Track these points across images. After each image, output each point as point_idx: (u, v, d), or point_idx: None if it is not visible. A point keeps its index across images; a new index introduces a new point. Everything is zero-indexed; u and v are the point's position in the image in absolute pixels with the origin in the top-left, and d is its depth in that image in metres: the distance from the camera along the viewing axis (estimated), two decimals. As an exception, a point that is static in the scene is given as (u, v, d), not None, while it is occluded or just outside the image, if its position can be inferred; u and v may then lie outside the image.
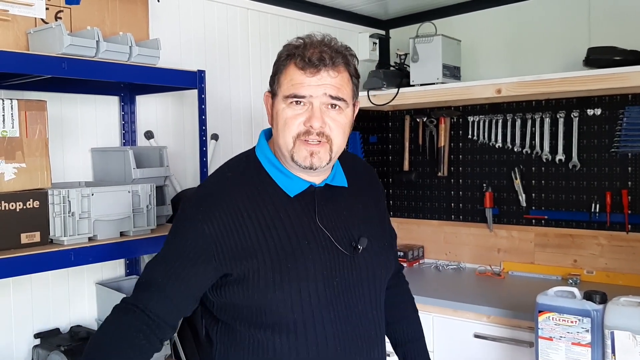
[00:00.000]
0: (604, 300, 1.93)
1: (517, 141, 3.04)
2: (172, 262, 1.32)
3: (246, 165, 1.41)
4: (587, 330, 1.91)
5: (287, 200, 1.36)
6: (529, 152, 3.01)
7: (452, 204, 3.31)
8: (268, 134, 1.45)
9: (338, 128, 1.34)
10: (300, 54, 1.31)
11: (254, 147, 1.45)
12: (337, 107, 1.33)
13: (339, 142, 1.35)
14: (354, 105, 1.40)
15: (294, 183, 1.37)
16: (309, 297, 1.31)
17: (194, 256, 1.30)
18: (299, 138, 1.31)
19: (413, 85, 3.06)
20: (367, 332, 1.40)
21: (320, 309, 1.32)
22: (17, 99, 1.74)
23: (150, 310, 1.30)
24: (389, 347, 1.57)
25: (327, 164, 1.34)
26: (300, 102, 1.31)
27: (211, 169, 2.15)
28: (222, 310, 1.37)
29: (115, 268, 2.36)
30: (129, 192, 1.97)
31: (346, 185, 1.46)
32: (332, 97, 1.32)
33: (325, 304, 1.32)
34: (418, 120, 3.38)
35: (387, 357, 1.50)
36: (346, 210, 1.44)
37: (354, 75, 1.39)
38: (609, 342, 1.86)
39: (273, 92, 1.37)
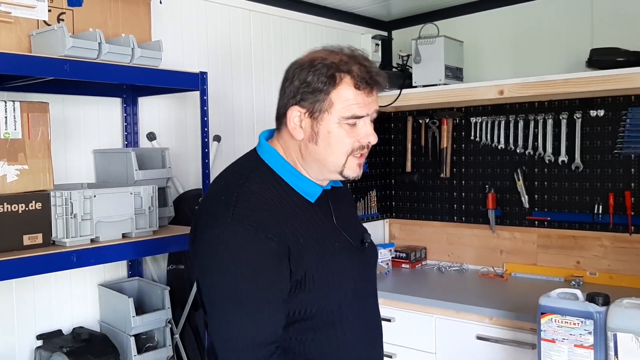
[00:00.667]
0: (606, 302, 1.92)
1: (520, 142, 3.04)
2: (262, 291, 1.25)
3: (261, 174, 1.36)
4: (590, 332, 1.91)
5: (309, 206, 1.38)
6: (531, 153, 3.01)
7: (455, 205, 3.31)
8: (267, 136, 1.44)
9: None
10: (357, 73, 1.30)
11: (254, 152, 1.43)
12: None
13: None
14: None
15: (312, 189, 1.39)
16: (345, 296, 1.37)
17: (275, 265, 1.26)
18: (353, 154, 1.35)
19: (415, 87, 3.06)
20: (378, 321, 1.50)
21: (351, 305, 1.39)
22: (19, 101, 1.74)
23: (277, 340, 1.28)
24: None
25: None
26: (356, 122, 1.33)
27: (213, 171, 2.15)
28: None
29: (117, 269, 2.36)
30: (131, 193, 1.97)
31: (342, 186, 1.53)
32: (376, 113, 1.38)
33: (353, 300, 1.39)
34: (420, 121, 3.38)
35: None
36: (345, 209, 1.51)
37: None
38: (611, 344, 1.85)
39: (315, 110, 1.31)
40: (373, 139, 1.36)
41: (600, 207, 2.81)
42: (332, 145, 1.33)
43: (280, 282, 1.27)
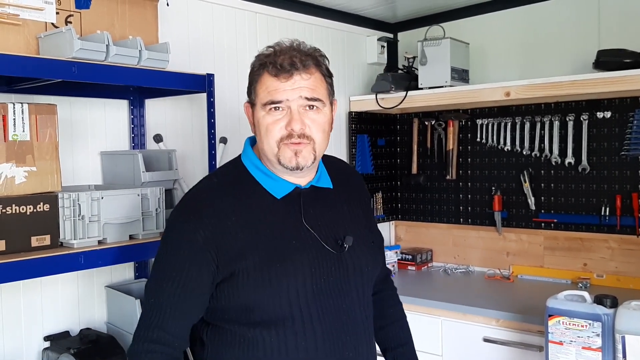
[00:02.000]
0: (614, 304, 1.92)
1: (526, 144, 3.03)
2: (176, 279, 1.35)
3: (233, 171, 1.47)
4: (598, 335, 1.90)
5: (273, 202, 1.41)
6: (538, 155, 3.00)
7: (461, 207, 3.30)
8: (253, 141, 1.50)
9: (318, 127, 1.39)
10: (272, 62, 1.37)
11: (239, 156, 1.50)
12: (314, 107, 1.38)
13: (321, 141, 1.40)
14: (331, 104, 1.45)
15: (280, 185, 1.42)
16: (297, 294, 1.35)
17: (195, 266, 1.34)
18: (282, 142, 1.37)
19: (421, 89, 3.06)
20: (353, 328, 1.44)
21: (308, 305, 1.36)
22: (27, 103, 1.75)
23: (174, 336, 1.37)
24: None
25: (312, 163, 1.40)
26: (279, 107, 1.36)
27: (220, 172, 2.15)
28: (212, 313, 1.41)
29: (124, 271, 2.37)
30: (138, 195, 1.98)
31: (331, 187, 1.51)
32: (308, 99, 1.37)
33: (312, 300, 1.37)
34: (426, 123, 3.38)
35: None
36: (332, 210, 1.49)
37: (327, 75, 1.43)
38: (619, 347, 1.85)
39: (251, 102, 1.43)
40: (296, 126, 1.35)
41: (607, 209, 2.80)
42: (262, 133, 1.39)
43: (194, 278, 1.34)
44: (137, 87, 2.18)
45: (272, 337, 1.35)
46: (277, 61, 1.36)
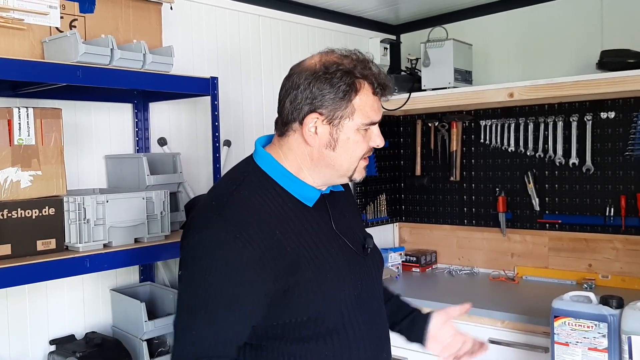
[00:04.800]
0: (620, 305, 1.91)
1: (530, 145, 3.03)
2: (232, 302, 1.23)
3: (255, 179, 1.35)
4: (604, 336, 1.90)
5: (306, 210, 1.36)
6: (542, 156, 3.00)
7: (465, 209, 3.30)
8: (263, 143, 1.42)
9: None
10: (377, 80, 1.33)
11: (250, 158, 1.41)
12: None
13: None
14: None
15: (309, 192, 1.37)
16: (345, 302, 1.34)
17: (247, 286, 1.23)
18: (363, 158, 1.37)
19: (424, 90, 3.06)
20: (384, 327, 1.47)
21: (354, 312, 1.35)
22: (32, 107, 1.75)
23: (223, 357, 1.24)
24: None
25: None
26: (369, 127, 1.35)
27: (224, 175, 2.15)
28: (256, 333, 1.30)
29: (129, 274, 2.37)
30: (143, 198, 1.98)
31: (343, 190, 1.51)
32: None
33: (356, 306, 1.36)
34: (430, 124, 3.38)
35: None
36: (347, 213, 1.49)
37: None
38: (626, 347, 1.84)
39: (335, 116, 1.30)
40: (381, 142, 1.37)
41: (612, 209, 2.80)
42: (350, 151, 1.34)
43: (249, 293, 1.23)
44: (142, 90, 2.19)
45: (328, 347, 1.31)
46: (379, 79, 1.33)
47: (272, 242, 1.25)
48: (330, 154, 1.33)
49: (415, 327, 1.60)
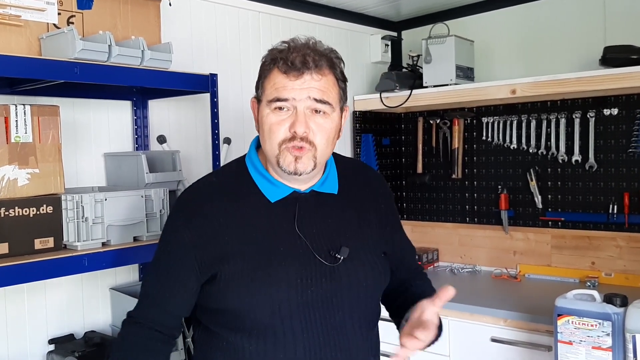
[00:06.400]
0: (624, 303, 1.90)
1: (533, 142, 3.01)
2: (161, 273, 1.40)
3: (233, 171, 1.44)
4: (608, 334, 1.88)
5: (268, 206, 1.35)
6: (544, 153, 2.97)
7: (467, 206, 3.28)
8: (259, 142, 1.42)
9: (322, 134, 1.31)
10: (284, 58, 1.30)
11: (244, 155, 1.46)
12: (321, 112, 1.31)
13: (323, 148, 1.32)
14: (341, 110, 1.38)
15: (276, 188, 1.36)
16: (279, 305, 1.29)
17: (178, 265, 1.35)
18: (284, 144, 1.30)
19: (426, 87, 3.04)
20: (344, 343, 1.34)
21: (291, 317, 1.30)
22: (30, 105, 1.74)
23: (152, 321, 1.40)
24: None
25: (312, 170, 1.32)
26: (284, 107, 1.29)
27: (224, 173, 2.14)
28: (202, 313, 1.41)
29: (129, 273, 2.36)
30: (142, 196, 1.96)
31: (335, 192, 1.42)
32: (317, 101, 1.29)
33: (297, 312, 1.30)
34: (431, 122, 3.36)
35: None
36: (333, 217, 1.40)
37: (340, 79, 1.37)
38: (630, 346, 1.83)
39: (258, 98, 1.38)
40: (299, 128, 1.28)
41: (615, 206, 2.78)
42: (265, 132, 1.33)
43: (181, 270, 1.35)
44: (140, 87, 2.17)
45: (253, 345, 1.31)
46: (288, 57, 1.30)
47: (212, 230, 1.33)
48: (262, 137, 1.36)
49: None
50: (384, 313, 1.56)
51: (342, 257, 1.34)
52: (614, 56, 2.53)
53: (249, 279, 1.29)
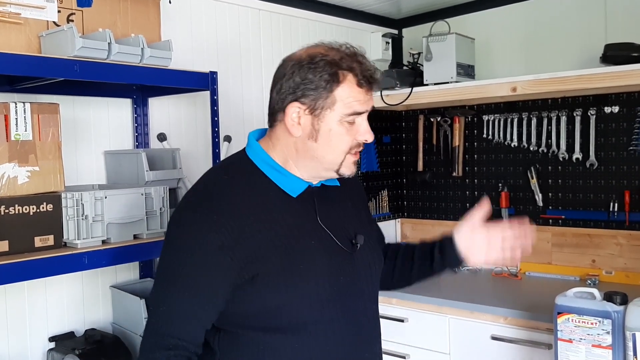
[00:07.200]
0: (624, 301, 1.89)
1: (533, 140, 3.00)
2: (188, 286, 1.27)
3: (241, 168, 1.38)
4: (608, 332, 1.88)
5: (288, 201, 1.36)
6: (545, 151, 2.97)
7: (467, 204, 3.28)
8: (257, 136, 1.43)
9: None
10: (362, 70, 1.32)
11: (243, 150, 1.43)
12: None
13: None
14: None
15: (294, 183, 1.37)
16: (318, 296, 1.32)
17: (209, 271, 1.26)
18: (350, 152, 1.34)
19: (427, 85, 3.03)
20: (368, 327, 1.42)
21: (329, 307, 1.33)
22: (30, 102, 1.74)
23: (186, 341, 1.28)
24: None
25: None
26: (355, 120, 1.33)
27: (224, 171, 2.14)
28: (225, 318, 1.32)
29: (129, 271, 2.36)
30: (142, 194, 1.97)
31: (338, 184, 1.47)
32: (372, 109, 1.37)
33: (332, 302, 1.34)
34: (432, 119, 3.35)
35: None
36: (341, 208, 1.46)
37: None
38: (630, 344, 1.82)
39: (316, 107, 1.30)
40: (370, 137, 1.35)
41: (616, 204, 2.77)
42: (332, 143, 1.32)
43: (210, 277, 1.26)
44: (140, 85, 2.17)
45: (292, 341, 1.30)
46: (365, 71, 1.31)
47: (243, 229, 1.26)
48: (313, 145, 1.33)
49: (446, 257, 1.59)
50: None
51: (359, 244, 1.40)
52: (615, 54, 2.52)
53: (289, 274, 1.29)
